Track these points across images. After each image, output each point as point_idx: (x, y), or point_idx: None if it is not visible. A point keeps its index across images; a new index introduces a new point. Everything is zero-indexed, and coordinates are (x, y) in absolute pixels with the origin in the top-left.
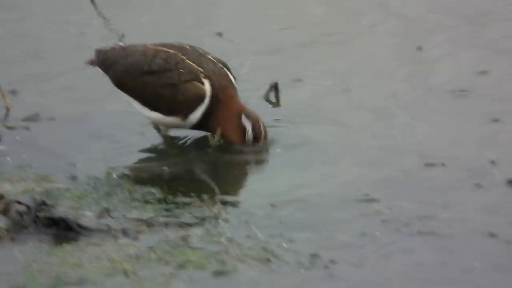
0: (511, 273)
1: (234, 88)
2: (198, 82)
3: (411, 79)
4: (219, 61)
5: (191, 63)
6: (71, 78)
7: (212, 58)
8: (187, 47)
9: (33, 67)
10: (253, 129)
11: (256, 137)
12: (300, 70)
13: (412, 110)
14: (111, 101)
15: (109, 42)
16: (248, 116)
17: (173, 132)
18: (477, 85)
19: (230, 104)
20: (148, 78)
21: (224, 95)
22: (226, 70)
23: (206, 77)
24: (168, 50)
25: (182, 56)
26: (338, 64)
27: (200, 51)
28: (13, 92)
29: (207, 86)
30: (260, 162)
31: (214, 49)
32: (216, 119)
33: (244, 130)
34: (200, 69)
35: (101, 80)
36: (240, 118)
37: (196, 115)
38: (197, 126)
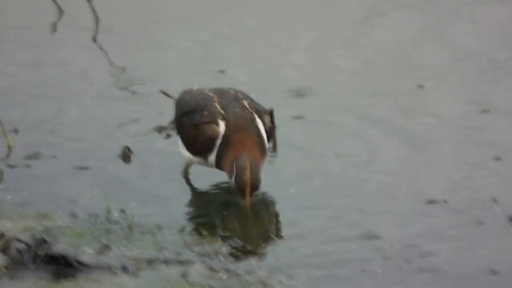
0: None
1: (254, 133)
2: (215, 123)
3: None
4: (255, 107)
5: (217, 106)
6: (74, 117)
7: (246, 104)
8: (229, 91)
9: (35, 106)
10: (236, 178)
11: (238, 187)
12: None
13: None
14: (115, 140)
15: (112, 80)
16: (237, 164)
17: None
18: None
19: (236, 147)
20: (183, 118)
21: (235, 137)
22: (255, 115)
23: (223, 119)
24: (208, 93)
25: (214, 100)
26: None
27: (239, 95)
28: (15, 131)
29: (221, 127)
30: (259, 197)
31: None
32: (224, 161)
33: (232, 174)
34: (222, 111)
35: (106, 118)
36: (233, 164)
37: (213, 156)
38: (218, 167)
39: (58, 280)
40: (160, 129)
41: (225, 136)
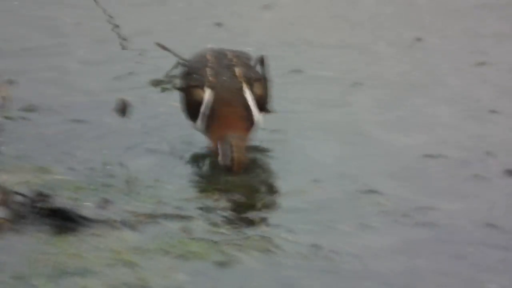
0: (509, 261)
1: (240, 106)
2: (201, 88)
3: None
4: (247, 75)
5: (208, 71)
6: (69, 69)
7: (238, 71)
8: (228, 55)
9: (30, 58)
10: (222, 160)
11: (225, 167)
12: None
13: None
14: (111, 93)
15: (108, 33)
16: (223, 147)
17: None
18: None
19: (221, 123)
20: (181, 79)
21: (221, 111)
22: (243, 85)
23: (210, 87)
24: (207, 56)
25: (208, 64)
26: (344, 62)
27: (235, 61)
28: (10, 82)
29: (206, 94)
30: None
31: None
32: (211, 135)
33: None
34: (210, 78)
35: (102, 71)
36: (219, 145)
37: (199, 122)
38: (206, 136)
39: (59, 234)
40: (156, 83)
41: (212, 108)
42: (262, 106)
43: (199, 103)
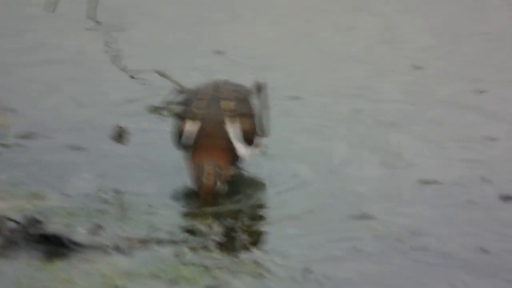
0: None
1: (219, 138)
2: (184, 122)
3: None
4: (236, 110)
5: (197, 102)
6: (67, 97)
7: (228, 105)
8: (225, 87)
9: (29, 86)
10: (196, 185)
11: (198, 193)
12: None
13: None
14: (108, 119)
15: (106, 59)
16: (197, 172)
17: None
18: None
19: (199, 153)
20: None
21: (200, 142)
22: (227, 119)
23: (193, 118)
24: (205, 87)
25: (202, 96)
26: (342, 86)
27: (229, 94)
28: (12, 110)
29: (187, 126)
30: (253, 175)
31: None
32: (190, 164)
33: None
34: (196, 110)
35: (99, 98)
36: (194, 170)
37: (181, 152)
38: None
39: (51, 260)
40: (153, 109)
41: (192, 139)
42: (250, 140)
43: (178, 134)
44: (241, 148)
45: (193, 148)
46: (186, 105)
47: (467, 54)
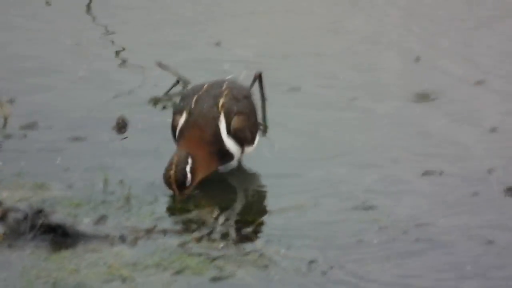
0: (508, 279)
1: (208, 132)
2: (180, 115)
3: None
4: (229, 108)
5: (192, 98)
6: (69, 87)
7: (221, 102)
8: (221, 86)
9: (30, 76)
10: (164, 171)
11: (163, 179)
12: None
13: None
14: (111, 110)
15: (107, 51)
16: (170, 159)
17: None
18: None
19: (182, 142)
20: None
21: (187, 133)
22: (220, 115)
23: (187, 112)
24: (203, 84)
25: (198, 92)
26: (342, 75)
27: (225, 92)
28: (11, 101)
29: (181, 119)
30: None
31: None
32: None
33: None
34: (191, 105)
35: (102, 89)
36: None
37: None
38: None
39: (56, 250)
40: (155, 101)
41: (181, 130)
42: (242, 139)
43: (173, 128)
44: (232, 145)
45: (180, 137)
46: (183, 101)
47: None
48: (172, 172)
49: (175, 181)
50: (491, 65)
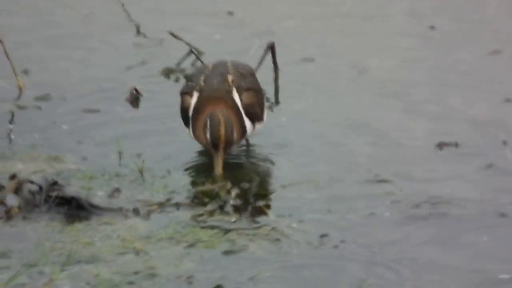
0: None
1: (228, 101)
2: (190, 95)
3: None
4: (238, 83)
5: (200, 77)
6: (82, 58)
7: (229, 78)
8: (227, 64)
9: (44, 47)
10: (210, 133)
11: (212, 139)
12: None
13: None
14: (124, 82)
15: (119, 22)
16: (211, 118)
17: None
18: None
19: (206, 110)
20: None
21: (205, 105)
22: (232, 89)
23: (199, 90)
24: (208, 64)
25: (204, 71)
26: (351, 47)
27: (231, 70)
28: (25, 72)
29: (193, 99)
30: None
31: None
32: (197, 128)
33: (205, 129)
34: (201, 83)
35: (115, 61)
36: (206, 120)
37: (190, 128)
38: (195, 138)
39: (70, 222)
40: (168, 72)
41: (195, 108)
42: (252, 115)
43: (185, 109)
44: (246, 120)
45: (196, 116)
46: (192, 82)
47: None
48: (222, 130)
49: (225, 138)
50: None
